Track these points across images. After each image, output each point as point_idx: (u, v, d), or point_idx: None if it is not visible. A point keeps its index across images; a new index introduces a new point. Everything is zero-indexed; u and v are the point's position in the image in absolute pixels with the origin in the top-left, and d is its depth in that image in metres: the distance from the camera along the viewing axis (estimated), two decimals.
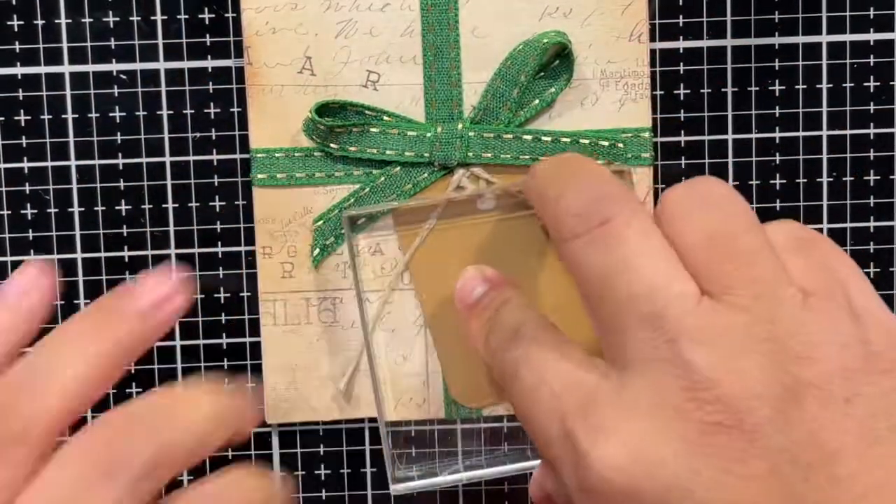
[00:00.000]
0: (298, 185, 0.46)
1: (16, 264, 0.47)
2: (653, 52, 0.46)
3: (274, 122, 0.45)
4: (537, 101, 0.45)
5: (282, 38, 0.45)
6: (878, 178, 0.47)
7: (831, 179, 0.47)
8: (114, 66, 0.46)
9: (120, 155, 0.47)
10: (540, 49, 0.44)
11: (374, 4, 0.45)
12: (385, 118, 0.45)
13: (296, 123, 0.45)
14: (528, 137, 0.45)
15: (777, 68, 0.46)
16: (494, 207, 0.46)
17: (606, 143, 0.45)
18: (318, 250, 0.46)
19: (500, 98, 0.45)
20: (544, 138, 0.45)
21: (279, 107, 0.45)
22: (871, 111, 0.46)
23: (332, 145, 0.45)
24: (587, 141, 0.45)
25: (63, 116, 0.46)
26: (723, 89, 0.46)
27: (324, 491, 0.48)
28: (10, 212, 0.47)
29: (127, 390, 0.47)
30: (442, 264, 0.46)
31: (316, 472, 0.48)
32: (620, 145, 0.45)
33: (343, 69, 0.45)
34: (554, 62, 0.45)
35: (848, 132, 0.46)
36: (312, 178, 0.46)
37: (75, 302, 0.47)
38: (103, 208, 0.47)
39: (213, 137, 0.47)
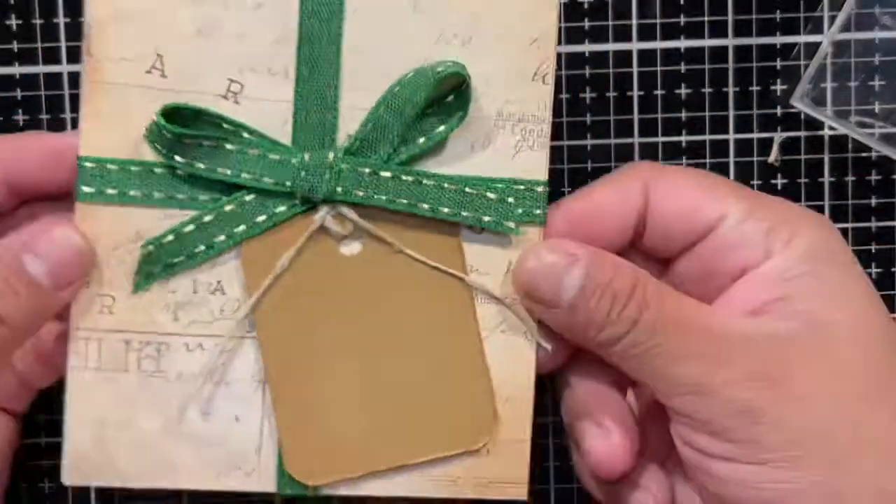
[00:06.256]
0: (132, 204, 0.39)
1: None
2: (655, 51, 0.46)
3: (110, 128, 0.39)
4: (423, 140, 0.40)
5: (129, 28, 0.38)
6: (880, 177, 0.47)
7: (833, 179, 0.47)
8: None
9: None
10: (433, 80, 0.39)
11: (247, 2, 0.39)
12: (245, 135, 0.39)
13: (136, 132, 0.39)
14: (409, 178, 0.39)
15: (778, 68, 0.46)
16: (359, 253, 0.40)
17: (494, 197, 0.40)
18: (141, 277, 0.39)
19: (382, 130, 0.39)
20: (426, 182, 0.39)
21: (119, 110, 0.39)
22: (875, 110, 0.46)
23: (177, 158, 0.39)
24: (473, 191, 0.39)
25: (62, 116, 0.46)
26: (723, 89, 0.47)
27: None
28: None
29: None
30: (294, 311, 0.40)
31: None
32: (511, 200, 0.40)
33: (200, 74, 0.39)
34: (448, 97, 0.40)
35: (850, 132, 0.46)
36: (149, 199, 0.39)
37: None
38: None
39: None
